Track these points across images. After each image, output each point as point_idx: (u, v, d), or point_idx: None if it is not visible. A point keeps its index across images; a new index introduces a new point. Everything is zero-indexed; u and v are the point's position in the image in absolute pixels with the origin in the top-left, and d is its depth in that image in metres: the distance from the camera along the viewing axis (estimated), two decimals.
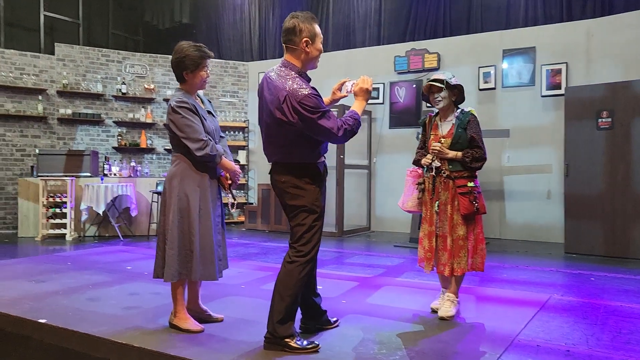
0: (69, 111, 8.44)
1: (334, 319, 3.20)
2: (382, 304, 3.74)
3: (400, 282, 4.50)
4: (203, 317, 3.25)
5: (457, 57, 8.03)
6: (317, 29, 2.72)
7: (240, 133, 9.70)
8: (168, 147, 9.20)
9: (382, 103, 8.59)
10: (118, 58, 9.00)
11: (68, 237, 7.21)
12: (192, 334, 3.01)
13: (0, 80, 7.94)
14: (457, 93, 3.46)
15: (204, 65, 3.08)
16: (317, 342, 2.78)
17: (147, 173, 8.55)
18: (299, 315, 3.04)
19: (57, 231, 7.32)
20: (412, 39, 8.60)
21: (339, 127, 2.61)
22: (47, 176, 7.32)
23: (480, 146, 3.37)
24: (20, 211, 7.51)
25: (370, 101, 8.61)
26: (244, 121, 9.70)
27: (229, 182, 3.20)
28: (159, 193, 7.49)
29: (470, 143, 3.39)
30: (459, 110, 3.49)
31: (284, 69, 2.70)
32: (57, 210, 7.30)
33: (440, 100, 3.42)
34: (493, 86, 7.75)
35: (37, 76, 8.30)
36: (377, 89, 8.61)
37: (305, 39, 2.66)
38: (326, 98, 3.03)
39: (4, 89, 7.98)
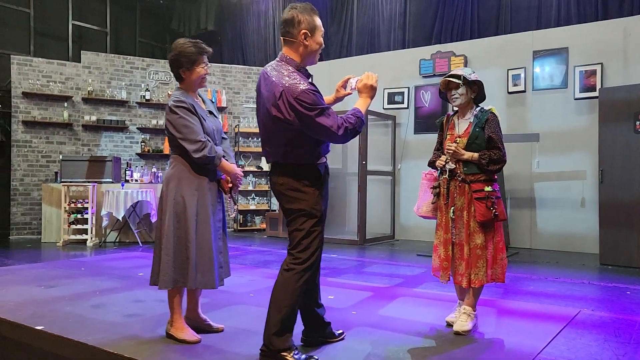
0: (94, 118, 8.51)
1: (339, 332, 3.00)
2: (394, 316, 3.51)
3: (417, 293, 4.26)
4: (202, 327, 3.10)
5: (485, 59, 7.74)
6: (318, 21, 2.55)
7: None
8: None
9: (407, 108, 8.36)
10: (142, 65, 9.05)
11: (89, 243, 7.22)
12: (188, 345, 2.86)
13: (27, 87, 8.06)
14: (476, 90, 3.24)
15: (201, 61, 2.94)
16: (316, 357, 2.59)
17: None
18: (300, 327, 2.87)
19: (79, 237, 7.34)
20: (439, 42, 8.36)
21: (339, 126, 2.42)
22: (70, 182, 7.37)
23: (499, 147, 3.14)
24: (44, 217, 7.58)
25: (394, 106, 8.43)
26: None
27: (230, 185, 3.05)
28: None
29: (488, 143, 3.15)
30: (477, 109, 3.26)
31: (281, 63, 2.54)
32: (79, 215, 7.33)
33: (457, 98, 3.20)
34: (523, 89, 7.43)
35: (63, 83, 8.40)
36: (402, 93, 8.39)
37: (303, 30, 2.50)
38: (330, 96, 2.86)
39: (31, 96, 8.11)
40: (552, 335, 3.12)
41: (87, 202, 7.29)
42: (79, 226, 7.33)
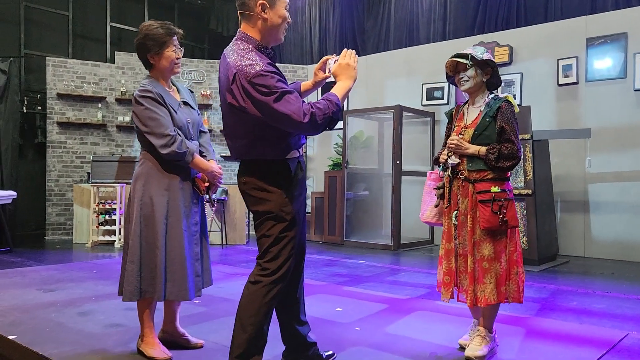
0: (127, 118, 8.47)
1: (329, 353, 2.60)
2: (402, 335, 3.08)
3: (436, 307, 3.78)
4: (179, 342, 2.79)
5: (533, 49, 7.08)
6: None
7: None
8: (224, 154, 8.99)
9: (447, 103, 7.80)
10: None
11: (117, 244, 7.14)
12: None
13: (62, 89, 8.12)
14: (489, 72, 2.76)
15: (171, 43, 2.63)
16: None
17: None
18: (281, 347, 2.50)
19: (107, 238, 7.28)
20: (481, 32, 7.76)
21: (304, 113, 2.02)
22: (99, 182, 7.32)
23: (513, 140, 2.64)
24: (75, 217, 7.58)
25: (433, 102, 7.89)
26: None
27: (206, 184, 2.73)
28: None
29: (499, 136, 2.66)
30: (491, 96, 2.78)
31: (238, 42, 2.18)
32: (108, 217, 7.27)
33: (466, 81, 2.73)
34: (575, 80, 6.72)
35: (97, 84, 8.42)
36: (442, 89, 7.85)
37: (261, 1, 2.13)
38: (308, 81, 2.48)
39: (65, 97, 8.16)
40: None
41: (116, 203, 7.22)
42: (108, 227, 7.27)
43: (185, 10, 10.83)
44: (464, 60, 2.70)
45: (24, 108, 8.32)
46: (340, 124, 8.49)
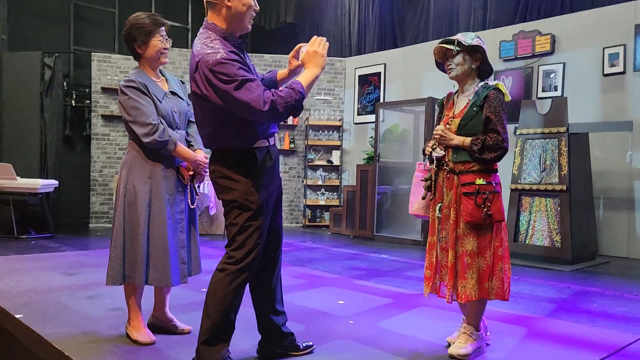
0: None
1: (307, 344, 2.58)
2: (395, 330, 3.00)
3: (441, 304, 3.62)
4: (167, 327, 2.85)
5: (577, 37, 6.70)
6: None
7: (335, 132, 9.25)
8: None
9: None
10: None
11: None
12: (139, 346, 2.62)
13: (106, 83, 8.45)
14: (479, 59, 2.63)
15: (157, 33, 2.67)
16: None
17: None
18: (258, 337, 2.51)
19: None
20: (523, 20, 7.42)
21: (265, 101, 2.00)
22: None
23: (498, 130, 2.50)
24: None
25: None
26: (339, 120, 9.24)
27: (190, 173, 2.76)
28: None
29: (485, 126, 2.54)
30: (480, 84, 2.65)
31: (203, 30, 2.18)
32: None
33: (452, 68, 2.62)
34: (622, 70, 6.30)
35: None
36: None
37: None
38: (284, 70, 2.45)
39: (109, 91, 8.49)
40: None
41: None
42: None
43: None
44: (451, 46, 2.59)
45: (73, 102, 8.75)
46: (372, 117, 8.40)
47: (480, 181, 2.49)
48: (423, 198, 2.72)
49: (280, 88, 2.10)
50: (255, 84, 2.02)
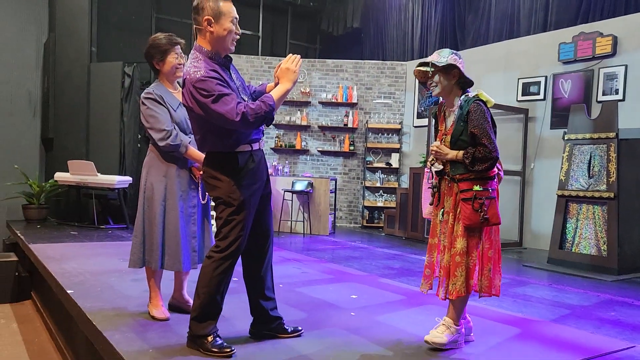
0: None
1: (294, 328, 2.87)
2: (388, 323, 3.21)
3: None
4: (183, 308, 3.25)
5: None
6: (224, 7, 2.46)
7: (395, 135, 9.40)
8: (321, 149, 9.45)
9: (544, 99, 7.37)
10: None
11: (213, 228, 7.95)
12: (154, 321, 3.04)
13: None
14: (456, 74, 2.78)
15: (171, 51, 3.08)
16: (232, 348, 2.53)
17: (287, 172, 8.92)
18: (249, 317, 2.84)
19: None
20: (585, 22, 7.17)
21: (237, 112, 2.33)
22: None
23: (484, 143, 2.65)
24: None
25: (529, 97, 7.48)
26: (399, 123, 9.38)
27: (201, 172, 3.13)
28: (292, 191, 7.76)
29: (473, 140, 2.70)
30: (463, 97, 2.79)
31: (193, 52, 2.54)
32: None
33: (434, 87, 2.80)
34: None
35: None
36: (538, 83, 7.43)
37: (206, 17, 2.45)
38: (271, 83, 2.76)
39: None
40: None
41: None
42: None
43: (297, 12, 11.49)
44: (425, 68, 2.78)
45: None
46: (425, 122, 8.47)
47: (477, 187, 2.66)
48: (431, 204, 2.93)
49: (254, 101, 2.42)
50: (230, 97, 2.36)
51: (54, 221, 7.74)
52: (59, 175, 7.45)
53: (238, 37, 2.57)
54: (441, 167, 2.81)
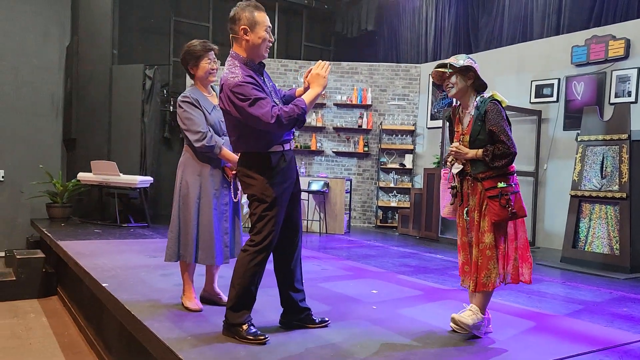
0: None
1: (321, 319, 3.04)
2: (409, 316, 3.36)
3: (465, 297, 3.92)
4: (214, 300, 3.43)
5: None
6: (259, 17, 2.65)
7: (409, 136, 9.54)
8: (336, 150, 9.62)
9: (556, 101, 7.48)
10: (295, 67, 9.80)
11: None
12: (188, 312, 3.22)
13: None
14: (472, 77, 2.93)
15: (205, 57, 3.26)
16: (266, 336, 2.70)
17: (302, 172, 9.09)
18: (279, 308, 3.01)
19: None
20: (598, 25, 7.28)
21: (272, 115, 2.51)
22: None
23: (503, 140, 2.81)
24: None
25: (542, 99, 7.60)
26: (413, 124, 9.52)
27: (233, 172, 3.31)
28: (308, 191, 7.92)
29: (491, 138, 2.85)
30: (478, 98, 2.95)
31: (229, 59, 2.72)
32: None
33: (450, 88, 2.96)
34: None
35: None
36: (551, 85, 7.54)
37: (242, 26, 2.64)
38: (300, 88, 2.93)
39: None
40: (567, 354, 2.67)
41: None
42: None
43: (312, 15, 11.67)
44: (444, 69, 2.93)
45: (171, 107, 9.81)
46: (439, 123, 8.60)
47: (501, 184, 2.82)
48: (451, 204, 3.08)
49: (288, 105, 2.59)
50: (266, 101, 2.53)
51: (76, 219, 7.97)
52: (82, 175, 7.68)
53: (271, 44, 2.74)
54: (461, 167, 2.96)
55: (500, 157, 2.80)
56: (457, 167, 2.98)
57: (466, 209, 2.98)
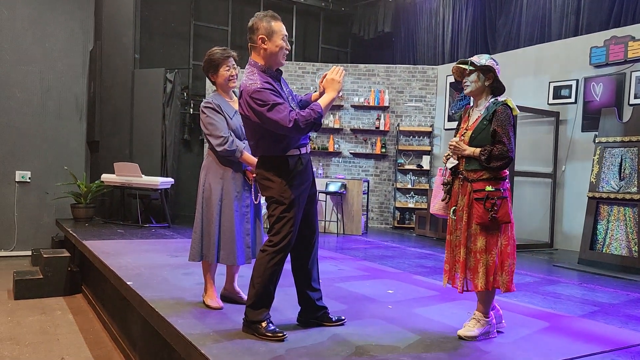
0: None
1: (338, 317, 3.13)
2: (424, 316, 3.43)
3: None
4: (234, 298, 3.54)
5: None
6: (276, 26, 2.76)
7: (426, 138, 9.58)
8: (353, 151, 9.70)
9: (575, 102, 7.46)
10: (312, 69, 9.90)
11: None
12: (210, 310, 3.34)
13: None
14: (491, 77, 2.99)
15: (225, 64, 3.37)
16: (284, 333, 2.80)
17: (320, 174, 9.19)
18: (297, 307, 3.10)
19: None
20: (617, 26, 7.25)
21: (290, 120, 2.61)
22: None
23: (504, 142, 2.86)
24: None
25: (560, 101, 7.59)
26: (430, 126, 9.56)
27: (254, 175, 3.41)
28: (326, 192, 8.02)
29: (493, 138, 2.91)
30: (492, 100, 3.01)
31: (248, 67, 2.83)
32: None
33: (467, 85, 3.02)
34: None
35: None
36: (570, 87, 7.53)
37: (260, 35, 2.74)
38: (316, 93, 3.02)
39: None
40: (577, 354, 2.73)
41: None
42: None
43: (329, 17, 11.77)
44: (465, 66, 2.99)
45: (191, 110, 10.00)
46: (456, 125, 8.62)
47: (489, 188, 2.87)
48: (443, 200, 3.15)
49: (305, 109, 2.69)
50: (284, 106, 2.64)
51: (99, 220, 8.18)
52: (106, 177, 7.87)
53: (287, 52, 2.85)
54: (456, 162, 3.01)
55: (497, 158, 2.85)
56: (451, 162, 3.04)
57: (454, 207, 3.04)
